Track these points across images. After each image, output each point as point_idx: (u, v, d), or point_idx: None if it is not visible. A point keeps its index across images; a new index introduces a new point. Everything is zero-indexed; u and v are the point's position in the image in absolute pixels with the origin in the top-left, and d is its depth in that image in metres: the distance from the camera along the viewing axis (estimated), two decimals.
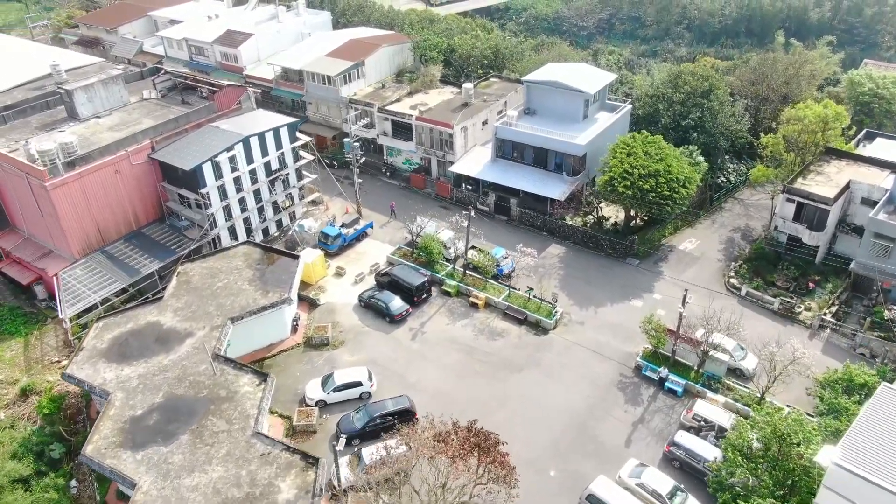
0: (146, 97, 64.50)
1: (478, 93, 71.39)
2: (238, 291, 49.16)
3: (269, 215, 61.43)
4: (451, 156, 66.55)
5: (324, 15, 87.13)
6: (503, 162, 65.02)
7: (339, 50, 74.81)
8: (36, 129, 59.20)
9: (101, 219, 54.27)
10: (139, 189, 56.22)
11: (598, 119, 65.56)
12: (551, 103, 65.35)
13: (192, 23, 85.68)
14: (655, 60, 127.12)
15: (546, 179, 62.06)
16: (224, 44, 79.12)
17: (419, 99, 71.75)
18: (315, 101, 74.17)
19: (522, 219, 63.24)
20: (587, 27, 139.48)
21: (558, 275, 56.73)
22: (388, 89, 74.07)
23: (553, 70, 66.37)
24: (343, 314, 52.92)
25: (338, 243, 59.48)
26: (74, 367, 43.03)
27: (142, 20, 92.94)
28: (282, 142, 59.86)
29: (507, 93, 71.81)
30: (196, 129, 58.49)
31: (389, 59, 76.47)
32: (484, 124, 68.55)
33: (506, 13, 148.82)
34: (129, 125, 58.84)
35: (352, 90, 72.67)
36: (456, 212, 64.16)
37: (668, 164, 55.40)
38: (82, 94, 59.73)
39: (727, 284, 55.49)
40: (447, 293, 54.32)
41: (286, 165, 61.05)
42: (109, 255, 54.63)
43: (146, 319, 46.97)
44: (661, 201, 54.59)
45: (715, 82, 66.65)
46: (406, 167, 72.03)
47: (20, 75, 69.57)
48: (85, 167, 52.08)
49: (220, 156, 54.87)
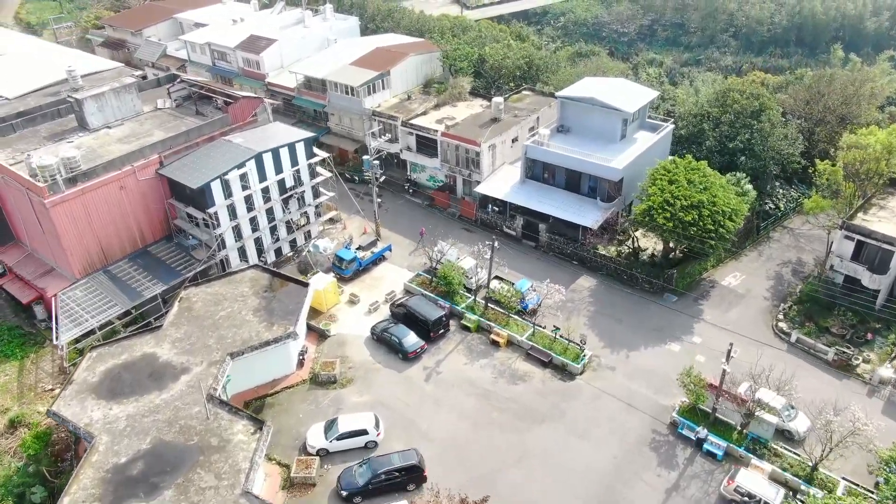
0: (160, 107, 61.71)
1: (508, 107, 67.16)
2: (241, 322, 45.86)
3: (283, 235, 58.12)
4: (477, 175, 62.46)
5: (351, 20, 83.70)
6: (533, 184, 60.70)
7: (364, 58, 71.24)
8: (44, 138, 56.80)
9: (103, 237, 51.50)
10: (145, 206, 53.34)
11: (636, 139, 60.81)
12: (587, 121, 60.82)
13: (216, 27, 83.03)
14: (699, 69, 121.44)
15: (578, 205, 57.57)
16: (246, 49, 76.21)
17: (446, 112, 67.79)
18: (337, 112, 70.75)
19: (551, 246, 58.85)
20: (628, 33, 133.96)
21: (588, 311, 52.25)
22: (414, 101, 70.26)
23: (590, 86, 61.80)
24: (353, 348, 49.26)
25: (353, 268, 55.86)
26: (61, 404, 40.16)
27: (167, 22, 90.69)
28: (297, 158, 56.46)
29: (539, 108, 67.41)
30: (208, 143, 55.42)
31: (417, 69, 72.68)
32: (514, 142, 64.30)
33: (543, 17, 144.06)
34: (139, 137, 56.05)
35: (376, 101, 69.04)
36: (481, 235, 60.35)
37: (714, 193, 50.54)
38: (92, 104, 57.11)
39: (775, 328, 50.41)
40: (466, 328, 50.29)
41: (302, 183, 57.65)
42: (112, 276, 51.83)
43: (142, 351, 43.95)
44: (705, 236, 49.76)
45: (766, 102, 61.36)
46: (430, 184, 68.17)
47: (36, 80, 67.49)
48: (87, 183, 49.30)
49: (230, 173, 51.66)
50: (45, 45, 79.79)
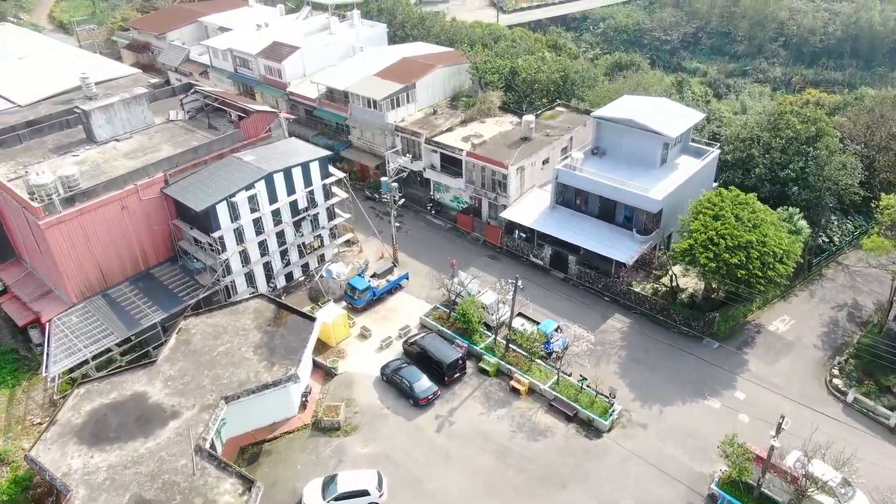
0: (172, 118, 58.77)
1: (540, 125, 62.73)
2: (240, 360, 42.46)
3: (294, 259, 54.66)
4: (503, 198, 58.20)
5: (379, 28, 80.00)
6: (563, 211, 56.23)
7: (389, 70, 67.47)
8: (50, 150, 54.25)
9: (103, 259, 48.59)
10: (149, 226, 50.32)
11: (678, 165, 55.92)
12: (625, 144, 56.13)
13: (239, 32, 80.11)
14: (745, 80, 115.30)
15: (612, 237, 52.95)
16: (268, 57, 73.08)
17: (474, 129, 63.62)
18: (359, 125, 67.12)
19: (582, 278, 54.35)
20: (670, 41, 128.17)
21: (618, 356, 47.67)
22: (440, 116, 66.26)
23: (628, 105, 57.04)
24: (361, 389, 45.49)
25: (365, 298, 52.12)
26: (41, 448, 37.20)
27: (192, 26, 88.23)
28: (311, 178, 52.94)
29: (574, 126, 62.85)
30: (217, 161, 52.21)
31: (444, 82, 68.67)
32: (545, 163, 59.89)
33: (582, 23, 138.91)
34: (147, 152, 53.11)
35: (399, 116, 65.22)
36: (506, 263, 56.24)
37: (764, 232, 45.54)
38: (100, 116, 54.35)
39: (829, 385, 45.25)
40: (485, 371, 46.15)
41: (316, 204, 54.10)
42: (111, 301, 48.89)
43: (132, 389, 40.83)
44: (752, 280, 44.81)
45: (824, 128, 55.86)
46: (454, 205, 64.10)
47: (50, 86, 65.20)
48: (86, 203, 46.38)
49: (237, 195, 48.31)
50: (65, 49, 77.75)
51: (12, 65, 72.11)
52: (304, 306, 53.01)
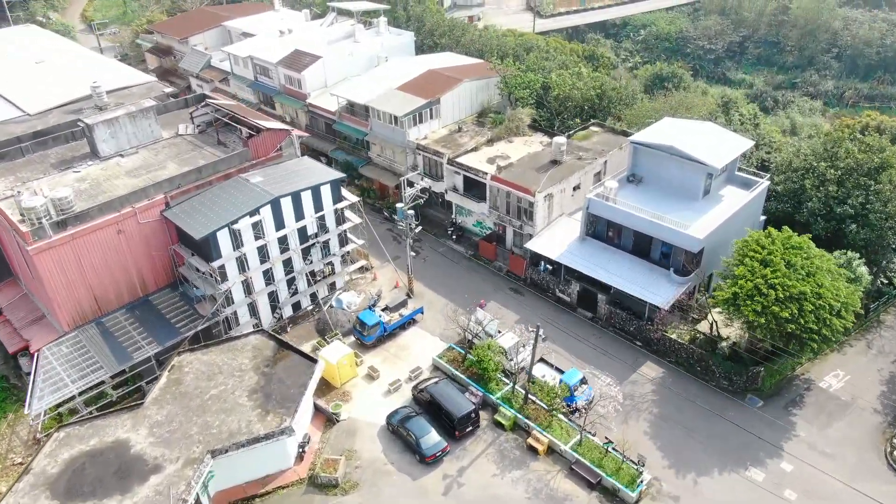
0: (181, 132, 55.76)
1: (572, 146, 58.22)
2: (232, 407, 39.05)
3: (302, 287, 51.12)
4: (529, 227, 53.88)
5: (406, 36, 76.15)
6: (594, 244, 51.68)
7: (413, 83, 63.59)
8: (51, 165, 51.62)
9: (97, 285, 45.63)
10: (148, 251, 47.24)
11: (723, 197, 50.94)
12: (664, 172, 51.35)
13: (262, 38, 77.05)
14: (794, 93, 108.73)
15: (647, 276, 48.27)
16: (288, 66, 69.80)
17: (500, 149, 59.38)
18: (379, 141, 63.38)
19: (611, 320, 49.81)
20: (715, 50, 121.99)
21: (649, 413, 43.04)
22: (466, 133, 62.15)
23: (669, 130, 52.19)
24: (364, 439, 41.70)
25: (375, 334, 48.33)
26: (10, 502, 34.15)
27: (215, 31, 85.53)
28: (322, 202, 49.34)
29: (609, 149, 58.18)
30: (223, 181, 48.95)
31: (471, 97, 64.54)
32: (576, 190, 55.39)
33: (622, 30, 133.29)
34: (151, 170, 50.12)
35: (422, 132, 61.31)
36: (529, 298, 52.01)
37: (819, 282, 40.51)
38: (104, 130, 51.53)
39: (889, 457, 40.02)
40: (500, 425, 41.97)
41: (327, 229, 50.50)
42: (104, 330, 45.92)
43: (115, 436, 37.70)
44: (805, 336, 39.83)
45: (889, 158, 50.36)
46: (477, 230, 59.97)
47: (62, 94, 62.76)
48: (79, 227, 43.41)
49: (240, 221, 44.91)
50: (84, 53, 75.54)
51: (28, 70, 70.07)
52: (311, 339, 49.77)
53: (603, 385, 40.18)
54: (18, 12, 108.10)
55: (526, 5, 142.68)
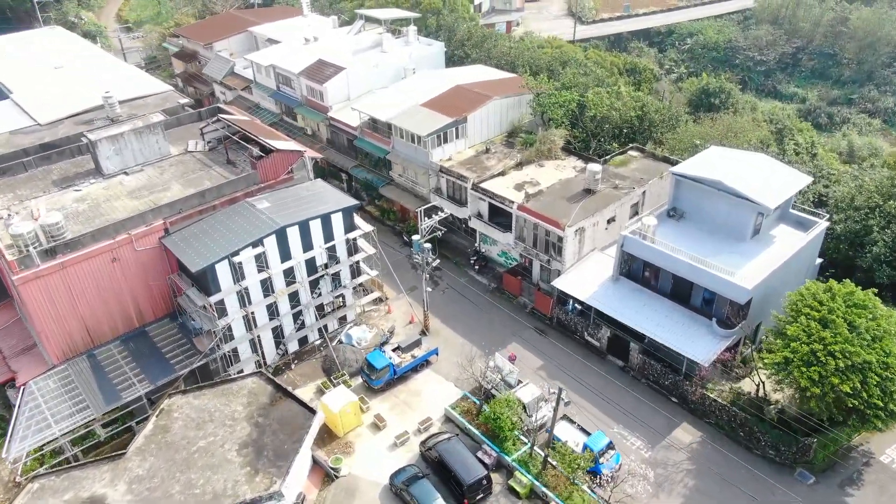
0: (191, 149, 52.75)
1: (608, 173, 53.59)
2: (220, 462, 35.58)
3: (310, 321, 47.58)
4: (558, 263, 49.43)
5: (436, 47, 72.11)
6: (628, 285, 47.02)
7: (438, 99, 59.60)
8: (53, 182, 49.06)
9: (89, 316, 42.69)
10: (145, 279, 44.14)
11: (774, 239, 45.81)
12: (709, 208, 46.45)
13: (285, 46, 73.89)
14: (851, 110, 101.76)
15: (686, 325, 43.49)
16: (310, 77, 66.42)
17: (530, 173, 55.03)
18: (401, 161, 59.54)
19: (645, 371, 45.15)
20: (766, 61, 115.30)
21: (684, 485, 38.33)
22: (493, 155, 57.92)
23: (716, 161, 47.23)
24: (365, 501, 37.84)
25: (384, 378, 44.52)
26: None
27: (241, 36, 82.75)
28: (333, 231, 45.72)
29: (648, 177, 53.37)
30: (228, 205, 45.67)
31: (500, 115, 60.29)
32: (610, 222, 50.76)
33: (667, 38, 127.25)
34: (154, 190, 47.19)
35: (446, 153, 57.29)
36: (555, 339, 47.69)
37: (887, 349, 35.35)
38: (108, 147, 48.72)
39: None
40: (514, 492, 37.74)
41: (337, 260, 46.86)
42: (95, 364, 42.97)
43: (91, 490, 34.59)
44: (869, 412, 34.73)
45: None
46: (501, 260, 55.74)
47: (75, 103, 60.36)
48: (70, 256, 40.47)
49: (242, 252, 41.50)
50: (105, 58, 73.35)
51: (46, 75, 68.04)
52: (315, 379, 46.30)
53: (632, 457, 35.58)
54: (49, 12, 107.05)
55: (567, 11, 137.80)
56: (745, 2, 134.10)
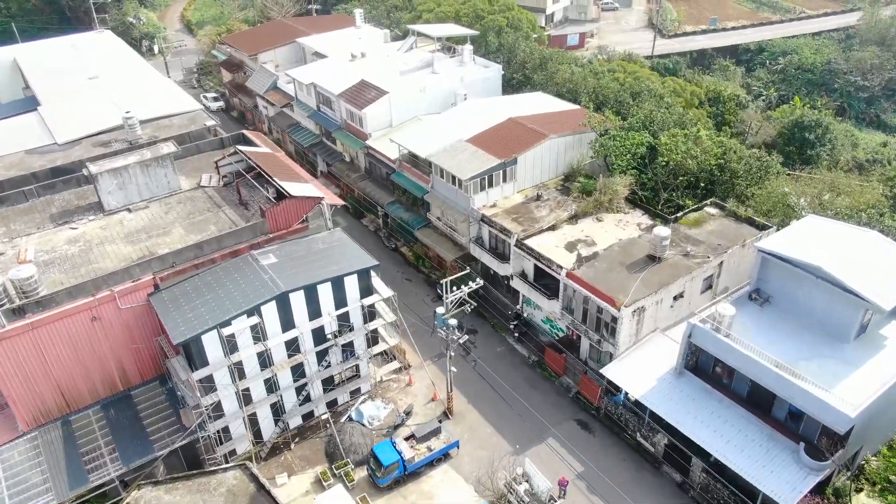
0: (204, 183, 47.47)
1: (679, 234, 45.34)
2: None
3: (317, 393, 41.40)
4: (610, 345, 41.57)
5: (493, 69, 64.72)
6: (693, 383, 38.77)
7: (487, 135, 52.45)
8: (51, 217, 44.74)
9: (65, 379, 37.71)
10: (130, 340, 38.88)
11: (885, 341, 36.72)
12: (802, 297, 37.75)
13: (329, 63, 68.22)
14: None
15: (765, 447, 35.04)
16: (350, 100, 60.33)
17: (586, 229, 47.28)
18: (440, 203, 52.67)
19: (709, 492, 36.87)
20: (870, 87, 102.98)
21: None
22: (545, 203, 50.37)
23: (815, 238, 38.39)
24: None
25: (393, 475, 37.84)
26: None
27: (288, 47, 77.70)
28: (346, 296, 39.33)
29: (728, 244, 44.73)
30: (230, 258, 39.93)
31: (557, 155, 52.67)
32: (677, 299, 42.53)
33: (757, 56, 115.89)
34: (153, 234, 42.08)
35: (491, 198, 50.15)
36: (602, 437, 40.00)
37: None
38: (110, 181, 43.94)
39: None
40: None
41: (351, 328, 40.44)
42: (69, 433, 37.97)
43: None
44: None
45: None
46: (546, 328, 48.23)
47: (99, 120, 56.20)
48: (41, 315, 35.45)
49: (234, 321, 35.59)
50: (142, 69, 69.36)
51: (78, 86, 64.48)
52: (316, 464, 40.21)
53: None
54: (108, 13, 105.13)
55: (647, 22, 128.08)
56: (848, 19, 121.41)
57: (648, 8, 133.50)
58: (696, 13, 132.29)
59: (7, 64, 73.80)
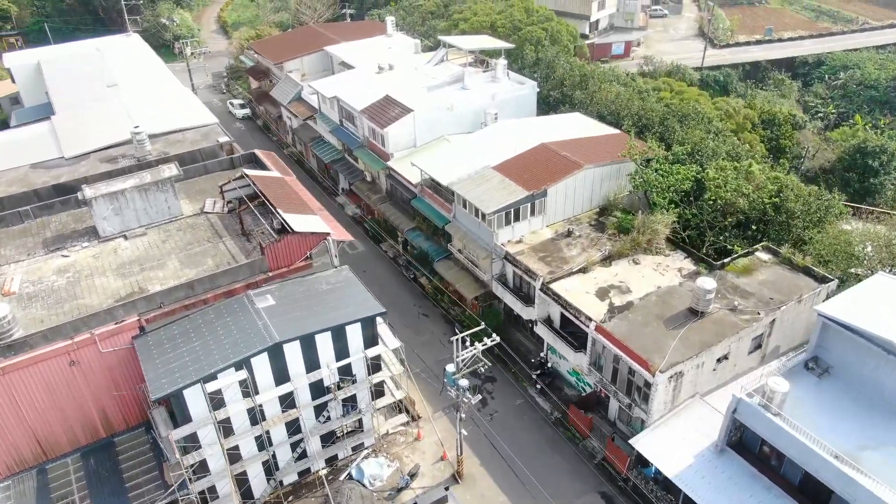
0: (208, 209, 44.27)
1: (726, 283, 40.43)
2: None
3: (314, 448, 37.73)
4: (642, 411, 36.90)
5: (528, 87, 60.11)
6: (736, 464, 33.91)
7: (516, 162, 48.15)
8: (44, 241, 42.10)
9: (41, 426, 34.81)
10: (114, 384, 35.80)
11: None
12: (868, 371, 32.68)
13: (356, 74, 64.56)
14: None
15: None
16: (373, 117, 56.59)
17: (621, 273, 42.64)
18: (462, 235, 48.53)
19: None
20: None
21: None
22: (576, 240, 45.83)
23: (885, 303, 33.16)
24: None
25: None
26: None
27: (315, 56, 74.42)
28: (348, 346, 35.57)
29: (782, 299, 39.55)
30: (224, 298, 36.54)
31: (592, 187, 48.09)
32: (720, 361, 37.65)
33: (815, 70, 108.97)
34: (146, 266, 38.99)
35: (517, 233, 45.86)
36: None
37: None
38: (105, 206, 41.01)
39: None
40: None
41: (354, 380, 36.66)
42: (43, 485, 35.06)
43: None
44: None
45: None
46: (572, 381, 43.80)
47: (109, 133, 53.66)
48: (12, 360, 32.47)
49: (221, 375, 32.12)
50: (161, 77, 66.86)
51: (95, 94, 62.29)
52: None
53: None
54: (141, 14, 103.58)
55: (697, 31, 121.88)
56: None
57: (699, 16, 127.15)
58: (750, 22, 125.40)
59: (32, 67, 72.29)
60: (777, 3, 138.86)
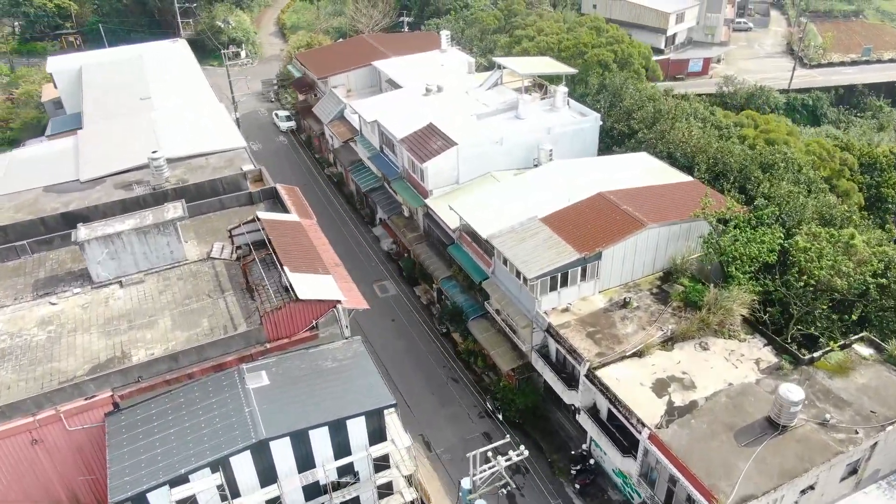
0: (215, 254, 39.54)
1: (815, 384, 33.10)
2: None
3: None
4: None
5: (590, 120, 53.10)
6: None
7: (568, 213, 41.67)
8: (36, 283, 38.24)
9: None
10: (84, 464, 31.34)
11: None
12: None
13: (399, 96, 59.06)
14: None
15: None
16: (413, 148, 50.98)
17: (684, 360, 35.72)
18: (500, 295, 42.36)
19: None
20: None
21: None
22: (633, 314, 39.05)
23: None
24: None
25: None
26: None
27: (363, 70, 69.32)
28: (350, 442, 30.08)
29: (888, 419, 31.87)
30: (213, 372, 31.61)
31: (654, 248, 41.12)
32: (805, 493, 30.36)
33: None
34: (135, 323, 34.47)
35: (563, 300, 39.41)
36: None
37: None
38: (99, 250, 36.76)
39: None
40: None
41: (357, 478, 31.17)
42: None
43: None
44: None
45: None
46: (618, 483, 37.12)
47: (128, 155, 49.80)
48: None
49: (193, 477, 27.12)
50: (198, 90, 63.01)
51: (126, 106, 58.87)
52: None
53: None
54: (188, 20, 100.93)
55: (785, 47, 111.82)
56: None
57: (788, 31, 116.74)
58: (846, 39, 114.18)
59: (74, 72, 69.81)
60: (875, 17, 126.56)
